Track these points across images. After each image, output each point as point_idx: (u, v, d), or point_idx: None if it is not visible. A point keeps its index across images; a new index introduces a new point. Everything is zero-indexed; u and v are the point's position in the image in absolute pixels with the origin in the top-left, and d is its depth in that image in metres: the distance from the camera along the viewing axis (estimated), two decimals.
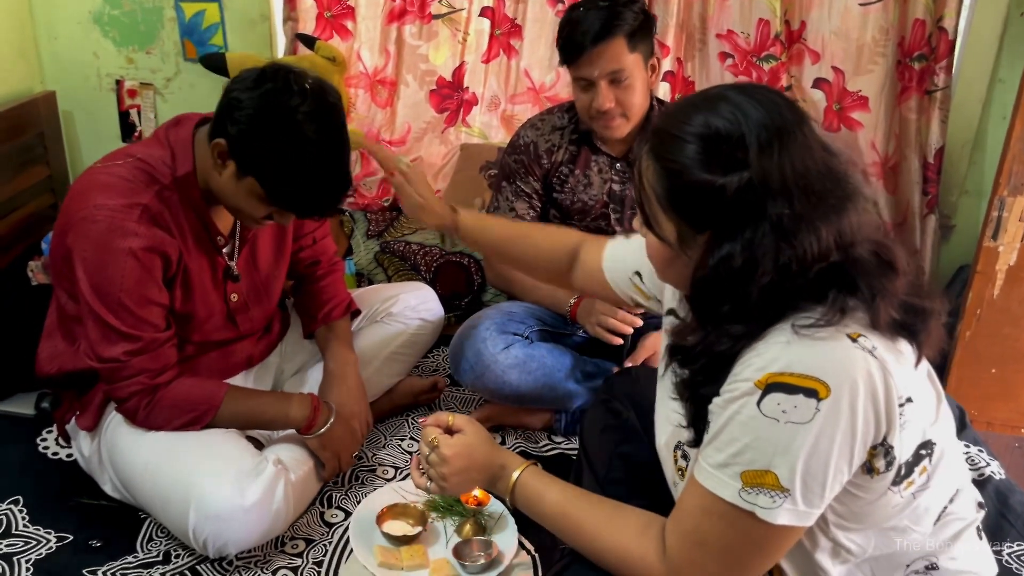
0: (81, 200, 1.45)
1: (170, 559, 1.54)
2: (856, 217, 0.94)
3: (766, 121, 0.92)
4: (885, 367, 0.91)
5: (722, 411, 0.96)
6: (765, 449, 0.92)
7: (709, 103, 0.96)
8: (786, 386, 0.90)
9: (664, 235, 1.00)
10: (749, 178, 0.91)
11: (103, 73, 2.70)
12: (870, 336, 0.93)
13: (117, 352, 1.45)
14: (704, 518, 1.00)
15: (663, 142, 0.97)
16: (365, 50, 2.60)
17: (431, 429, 1.28)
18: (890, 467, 0.95)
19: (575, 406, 1.92)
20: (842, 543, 1.01)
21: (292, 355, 1.89)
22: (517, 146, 2.00)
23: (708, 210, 0.94)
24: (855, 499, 0.98)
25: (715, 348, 0.97)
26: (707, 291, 0.97)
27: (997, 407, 2.30)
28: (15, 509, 1.64)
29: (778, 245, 0.91)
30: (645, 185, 1.00)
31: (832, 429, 0.90)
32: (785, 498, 0.93)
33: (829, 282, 0.93)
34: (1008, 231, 2.15)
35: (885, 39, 2.37)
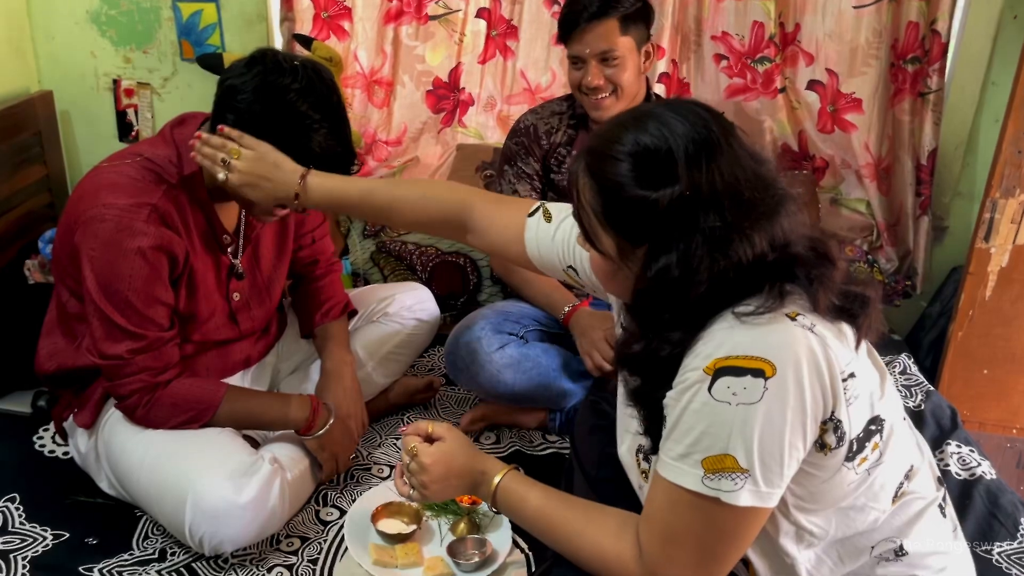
0: (90, 199, 1.46)
1: (166, 557, 1.55)
2: (788, 220, 0.98)
3: (692, 135, 0.96)
4: (825, 342, 0.95)
5: (676, 403, 0.99)
6: (721, 433, 0.95)
7: (638, 121, 0.99)
8: (733, 369, 0.94)
9: (604, 250, 1.03)
10: (680, 191, 0.95)
11: (100, 73, 2.71)
12: (808, 315, 0.97)
13: (121, 350, 1.46)
14: (672, 512, 1.02)
15: (597, 161, 1.01)
16: (362, 50, 2.61)
17: (410, 438, 1.29)
18: (841, 443, 0.98)
19: (569, 405, 1.93)
20: (804, 526, 1.04)
21: (289, 355, 1.90)
22: (518, 130, 2.06)
23: (643, 224, 0.98)
24: (811, 478, 1.00)
25: (659, 354, 1.01)
26: (647, 301, 1.01)
27: (989, 407, 2.31)
28: (11, 507, 1.64)
29: (712, 255, 0.95)
30: (583, 202, 1.03)
31: (782, 405, 0.93)
32: (746, 479, 0.95)
33: (767, 276, 0.97)
34: (1000, 233, 2.17)
35: (879, 41, 2.38)
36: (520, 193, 2.01)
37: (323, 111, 1.42)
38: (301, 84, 1.40)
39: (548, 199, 2.03)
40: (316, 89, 1.41)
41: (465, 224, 1.42)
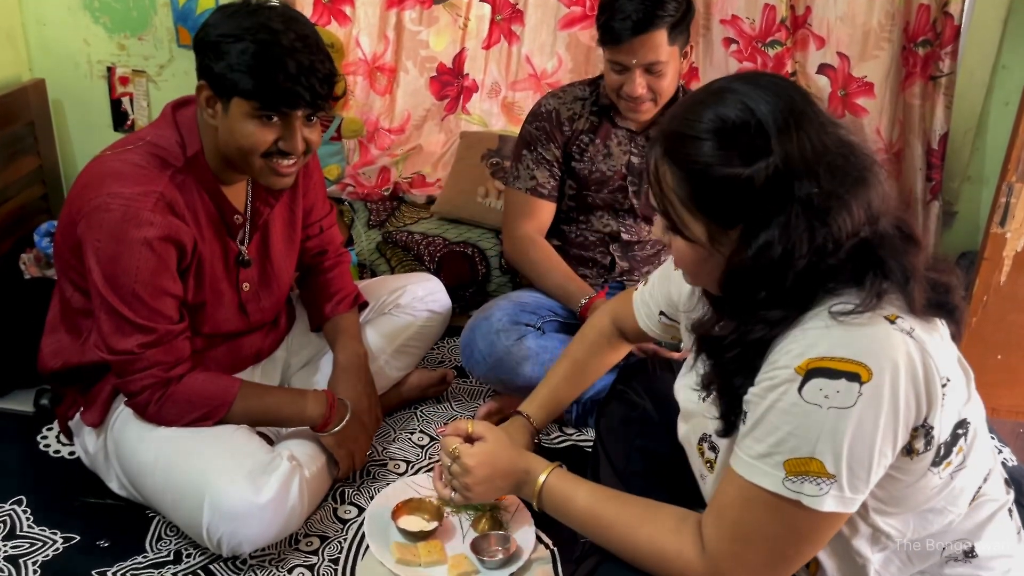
0: (93, 189, 1.40)
1: (181, 558, 1.51)
2: (880, 187, 0.95)
3: (777, 104, 0.92)
4: (924, 348, 0.91)
5: (760, 400, 0.95)
6: (809, 436, 0.91)
7: (716, 97, 0.95)
8: (827, 371, 0.90)
9: (694, 237, 0.99)
10: (775, 164, 0.91)
11: (94, 60, 2.64)
12: (907, 318, 0.93)
13: (131, 344, 1.42)
14: (746, 510, 0.98)
15: (677, 144, 0.96)
16: (364, 36, 2.56)
17: (451, 439, 1.26)
18: (929, 448, 0.95)
19: (586, 397, 1.90)
20: (881, 528, 1.01)
21: (299, 349, 1.85)
22: (539, 114, 1.99)
23: (737, 204, 0.93)
24: (895, 482, 0.97)
25: (750, 336, 0.97)
26: (743, 282, 0.97)
27: (1003, 393, 2.30)
28: (19, 510, 1.60)
29: (812, 226, 0.91)
30: (665, 191, 0.99)
31: (875, 412, 0.90)
32: (831, 484, 0.92)
33: (859, 261, 0.94)
34: (1016, 217, 2.15)
35: (891, 24, 2.35)
36: (538, 179, 1.97)
37: (287, 22, 1.36)
38: (267, 11, 1.36)
39: (566, 187, 2.00)
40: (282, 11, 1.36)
41: (623, 336, 1.54)
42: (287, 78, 1.35)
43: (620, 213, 2.01)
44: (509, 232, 2.03)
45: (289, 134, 1.42)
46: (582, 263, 2.04)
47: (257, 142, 1.41)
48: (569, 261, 2.01)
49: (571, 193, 2.01)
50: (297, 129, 1.42)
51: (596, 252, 2.04)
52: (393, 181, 2.65)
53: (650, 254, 2.06)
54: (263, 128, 1.40)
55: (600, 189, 1.98)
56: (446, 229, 2.45)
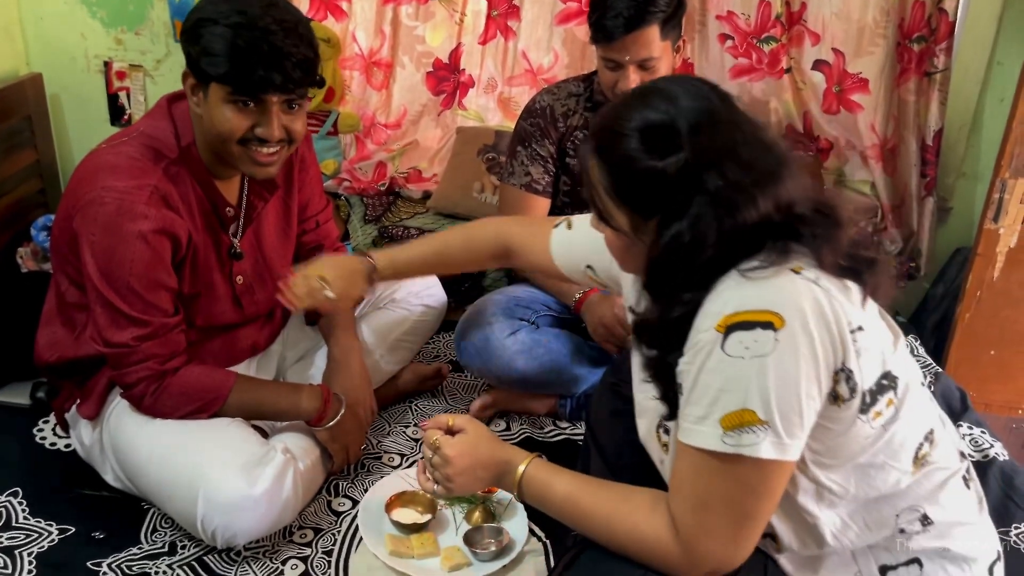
0: (88, 182, 1.41)
1: (176, 550, 1.51)
2: (791, 181, 1.01)
3: (694, 105, 1.01)
4: (830, 294, 0.97)
5: (690, 366, 1.00)
6: (737, 388, 0.96)
7: (642, 99, 1.03)
8: (743, 323, 0.95)
9: (619, 226, 1.06)
10: (685, 158, 0.98)
11: (91, 55, 2.64)
12: (812, 270, 0.99)
13: (126, 337, 1.43)
14: (698, 478, 1.02)
15: (606, 140, 1.04)
16: (360, 31, 2.56)
17: (432, 431, 1.27)
18: (854, 394, 0.99)
19: (581, 391, 1.91)
20: (823, 483, 1.04)
21: (295, 342, 1.86)
22: (533, 110, 1.99)
23: (653, 195, 1.01)
24: (827, 431, 1.01)
25: (671, 315, 1.04)
26: (660, 269, 1.04)
27: (995, 389, 2.31)
28: (14, 501, 1.60)
29: (719, 216, 0.98)
30: (594, 183, 1.07)
31: (794, 355, 0.94)
32: (766, 431, 0.96)
33: (772, 236, 1.00)
34: (1009, 213, 2.16)
35: (886, 20, 2.36)
36: (532, 175, 1.97)
37: (223, 12, 1.34)
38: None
39: (561, 183, 2.01)
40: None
41: (508, 253, 1.56)
42: (259, 62, 1.34)
43: None
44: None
45: (265, 120, 1.41)
46: None
47: (233, 128, 1.40)
48: None
49: (565, 189, 2.02)
50: (274, 115, 1.41)
51: None
52: (389, 176, 2.65)
53: None
54: (239, 114, 1.39)
55: None
56: (442, 224, 2.46)
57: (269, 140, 1.42)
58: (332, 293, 1.52)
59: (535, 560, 1.51)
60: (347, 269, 1.56)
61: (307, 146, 1.73)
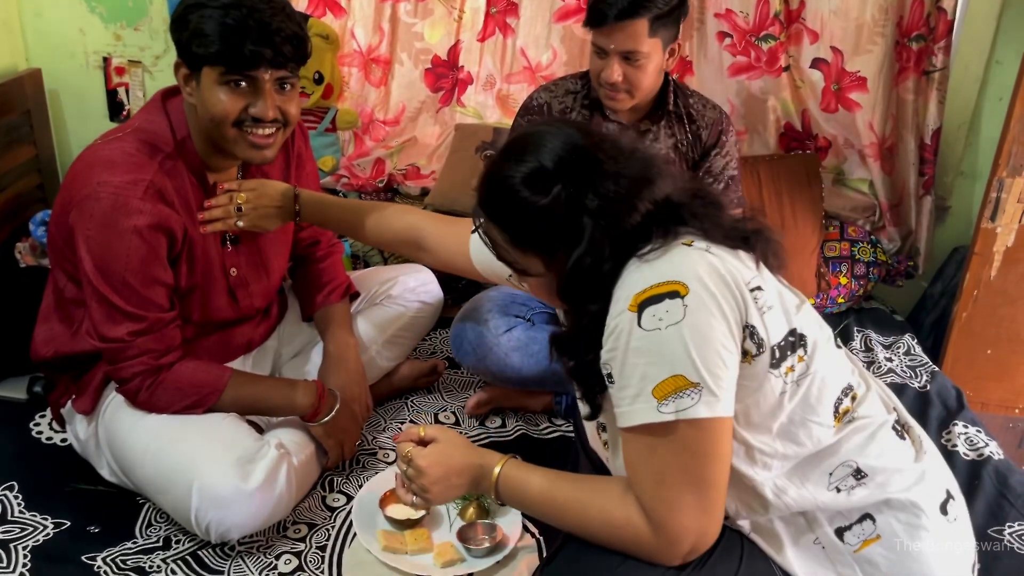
0: (84, 177, 1.42)
1: (170, 544, 1.52)
2: (660, 177, 1.10)
3: (556, 143, 1.09)
4: (722, 258, 1.04)
5: (613, 351, 1.04)
6: (663, 359, 1.01)
7: (513, 154, 1.10)
8: (652, 298, 1.01)
9: (536, 271, 1.13)
10: (561, 189, 1.06)
11: (90, 50, 2.64)
12: (702, 241, 1.07)
13: (121, 332, 1.43)
14: (648, 456, 1.05)
15: (494, 201, 1.12)
16: (359, 28, 2.56)
17: (404, 444, 1.29)
18: (761, 349, 1.04)
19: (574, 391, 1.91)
20: (752, 444, 1.08)
21: (291, 338, 1.86)
22: (530, 107, 2.00)
23: (549, 231, 1.08)
24: (742, 389, 1.05)
25: (582, 323, 1.10)
26: (572, 291, 1.11)
27: (992, 388, 2.31)
28: (10, 495, 1.61)
29: (607, 229, 1.05)
30: (498, 243, 1.14)
31: (705, 314, 1.00)
32: (699, 391, 1.00)
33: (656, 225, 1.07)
34: (1006, 212, 2.16)
35: (884, 19, 2.36)
36: None
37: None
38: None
39: None
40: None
41: (418, 244, 1.62)
42: (248, 38, 1.35)
43: None
44: None
45: (258, 100, 1.41)
46: None
47: (227, 109, 1.41)
48: None
49: None
50: (267, 93, 1.42)
51: None
52: (388, 173, 2.65)
53: None
54: (232, 95, 1.40)
55: None
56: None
57: (264, 119, 1.43)
58: (242, 222, 1.56)
59: (528, 556, 1.52)
60: (269, 197, 1.59)
61: (304, 142, 1.74)
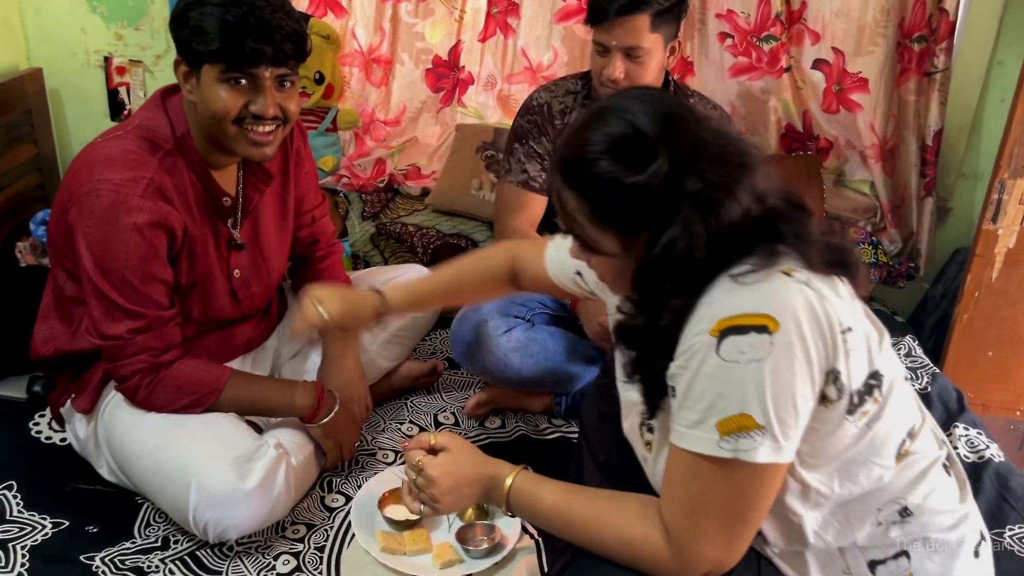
0: (84, 175, 1.42)
1: (169, 544, 1.52)
2: (760, 168, 1.02)
3: (653, 111, 0.99)
4: (822, 295, 0.97)
5: (684, 371, 0.99)
6: (734, 393, 0.95)
7: (598, 118, 1.02)
8: (738, 328, 0.95)
9: (609, 250, 1.04)
10: (663, 165, 0.97)
11: (91, 50, 2.64)
12: (803, 271, 0.99)
13: (121, 330, 1.43)
14: (693, 481, 1.01)
15: (574, 168, 1.02)
16: (360, 28, 2.56)
17: (414, 452, 1.25)
18: (841, 395, 0.99)
19: (576, 389, 1.91)
20: (809, 483, 1.03)
21: (290, 338, 1.86)
22: (530, 107, 2.00)
23: (639, 210, 0.99)
24: (813, 432, 1.00)
25: (659, 323, 1.02)
26: (650, 278, 1.03)
27: (993, 389, 2.31)
28: (9, 495, 1.61)
29: (706, 217, 0.97)
30: (571, 214, 1.04)
31: (789, 358, 0.94)
32: (764, 436, 0.95)
33: (755, 237, 1.00)
34: (1008, 214, 2.15)
35: (886, 20, 2.35)
36: (529, 172, 1.97)
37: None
38: None
39: None
40: None
41: (516, 278, 1.52)
42: (249, 35, 1.35)
43: None
44: (501, 226, 2.04)
45: (259, 97, 1.41)
46: None
47: (228, 106, 1.40)
48: None
49: None
50: (267, 90, 1.41)
51: None
52: (388, 173, 2.65)
53: None
54: (232, 92, 1.40)
55: None
56: (440, 221, 2.46)
57: (264, 116, 1.43)
58: (326, 313, 1.50)
59: (527, 557, 1.51)
60: (350, 299, 1.55)
61: (302, 140, 1.73)
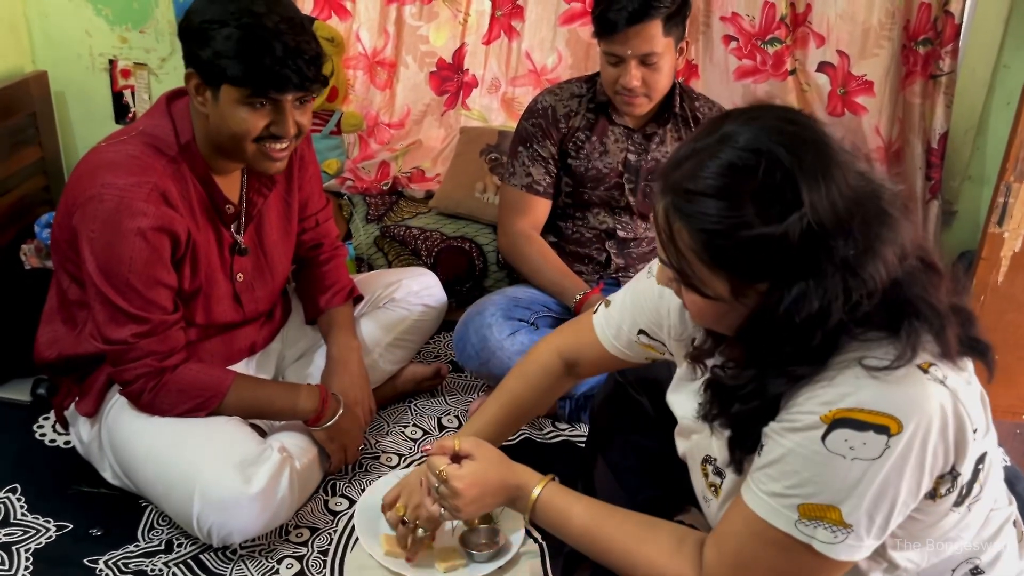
0: (88, 179, 1.42)
1: (172, 548, 1.52)
2: (908, 228, 0.90)
3: (798, 147, 0.85)
4: (956, 396, 0.89)
5: (780, 439, 0.93)
6: (829, 485, 0.90)
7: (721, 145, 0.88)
8: (855, 422, 0.88)
9: (714, 293, 0.93)
10: (807, 219, 0.84)
11: (96, 53, 2.65)
12: (941, 365, 0.90)
13: (125, 334, 1.43)
14: (752, 542, 0.98)
15: (690, 203, 0.89)
16: (364, 31, 2.56)
17: (438, 459, 1.23)
18: (952, 491, 0.94)
19: (579, 393, 1.91)
20: (897, 562, 1.00)
21: (294, 341, 1.86)
22: (535, 111, 1.99)
23: (767, 261, 0.87)
24: (915, 522, 0.96)
25: (769, 390, 0.93)
26: (769, 334, 0.91)
27: (999, 394, 2.25)
28: (12, 498, 1.61)
29: (847, 280, 0.86)
30: (681, 248, 0.91)
31: (902, 465, 0.88)
32: (848, 534, 0.91)
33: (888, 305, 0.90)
34: (1014, 217, 2.14)
35: (891, 22, 2.35)
36: (534, 176, 1.97)
37: (231, 13, 1.34)
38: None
39: (562, 184, 2.00)
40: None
41: (572, 369, 1.42)
42: (275, 62, 1.35)
43: (616, 210, 2.01)
44: (504, 228, 2.04)
45: (280, 118, 1.42)
46: (578, 259, 2.05)
47: (249, 128, 1.41)
48: (565, 257, 2.02)
49: (567, 190, 2.01)
50: (288, 113, 1.42)
51: (592, 249, 2.04)
52: (392, 176, 2.65)
53: (646, 251, 2.06)
54: (254, 114, 1.40)
55: (596, 186, 1.98)
56: (444, 224, 2.45)
57: (285, 137, 1.44)
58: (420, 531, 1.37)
59: (531, 561, 1.51)
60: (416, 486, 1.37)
61: (306, 144, 1.73)
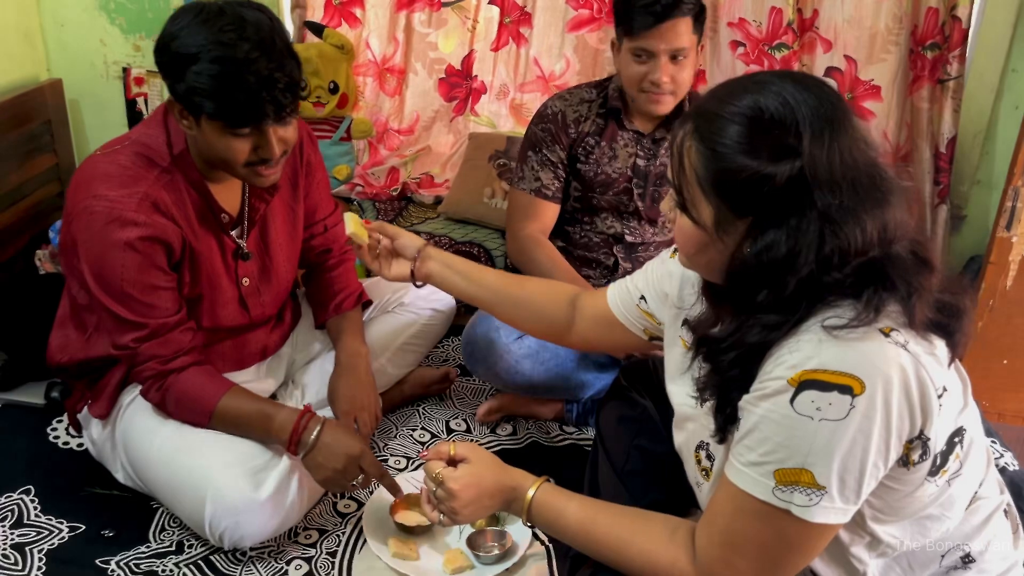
0: (82, 190, 1.43)
1: (183, 549, 1.53)
2: (899, 213, 0.94)
3: (819, 109, 0.90)
4: (918, 359, 0.91)
5: (753, 408, 0.95)
6: (799, 447, 0.92)
7: (759, 86, 0.94)
8: (820, 383, 0.90)
9: (700, 218, 0.97)
10: (800, 167, 0.90)
11: (110, 61, 2.68)
12: (902, 331, 0.92)
13: (127, 340, 1.45)
14: (737, 517, 0.99)
15: (710, 123, 0.94)
16: (374, 38, 2.59)
17: (434, 463, 1.24)
18: (925, 458, 0.95)
19: (587, 396, 1.92)
20: (879, 536, 1.01)
21: (304, 345, 1.87)
22: (544, 115, 2.00)
23: (753, 196, 0.92)
24: (891, 492, 0.97)
25: (747, 339, 0.96)
26: (744, 279, 0.95)
27: (1008, 398, 2.29)
28: (27, 499, 1.63)
29: (823, 236, 0.90)
30: (686, 166, 0.97)
31: (868, 425, 0.89)
32: (822, 495, 0.92)
33: (864, 278, 0.93)
34: (1022, 222, 2.14)
35: (898, 27, 2.35)
36: (543, 181, 1.98)
37: (202, 45, 1.30)
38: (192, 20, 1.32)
39: (571, 188, 2.01)
40: (210, 22, 1.31)
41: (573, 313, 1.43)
42: (248, 97, 1.32)
43: (625, 215, 2.02)
44: (513, 233, 2.05)
45: (264, 142, 1.40)
46: (586, 264, 2.06)
47: (235, 155, 1.40)
48: (573, 262, 2.02)
49: (576, 195, 2.02)
50: (270, 136, 1.40)
51: (600, 253, 2.05)
52: (402, 181, 2.67)
53: (654, 256, 2.06)
54: (238, 140, 1.39)
55: (605, 191, 1.99)
56: (452, 229, 2.47)
57: (272, 159, 1.43)
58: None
59: (537, 564, 1.52)
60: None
61: (313, 150, 1.74)
